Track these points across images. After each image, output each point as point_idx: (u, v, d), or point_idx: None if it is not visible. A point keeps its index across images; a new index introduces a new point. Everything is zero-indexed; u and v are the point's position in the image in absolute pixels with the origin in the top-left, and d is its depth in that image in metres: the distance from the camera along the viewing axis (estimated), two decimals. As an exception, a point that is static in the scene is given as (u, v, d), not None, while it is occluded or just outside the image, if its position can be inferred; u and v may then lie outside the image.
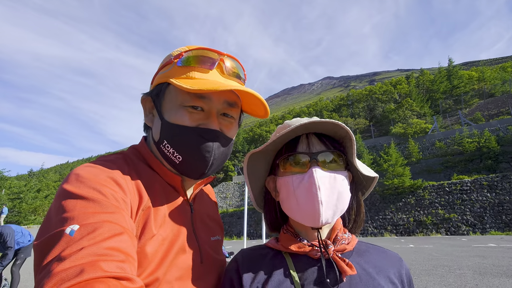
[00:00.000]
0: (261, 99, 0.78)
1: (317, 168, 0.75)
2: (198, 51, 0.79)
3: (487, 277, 6.11)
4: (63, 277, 0.45)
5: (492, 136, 21.66)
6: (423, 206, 18.54)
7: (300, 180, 0.76)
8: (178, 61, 0.78)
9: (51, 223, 0.56)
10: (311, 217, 0.74)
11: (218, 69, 0.80)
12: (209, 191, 1.07)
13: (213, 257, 0.87)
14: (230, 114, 0.83)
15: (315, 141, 0.81)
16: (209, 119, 0.78)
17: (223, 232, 1.02)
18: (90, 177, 0.63)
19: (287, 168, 0.81)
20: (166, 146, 0.78)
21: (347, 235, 0.84)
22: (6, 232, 5.83)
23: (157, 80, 0.83)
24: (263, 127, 50.31)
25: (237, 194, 31.56)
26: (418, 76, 47.27)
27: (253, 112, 0.88)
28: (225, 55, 0.81)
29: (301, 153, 0.79)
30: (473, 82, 39.33)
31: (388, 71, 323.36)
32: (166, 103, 0.80)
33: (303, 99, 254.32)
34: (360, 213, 0.89)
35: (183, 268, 0.74)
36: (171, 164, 0.80)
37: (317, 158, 0.77)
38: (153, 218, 0.71)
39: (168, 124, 0.77)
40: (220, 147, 0.80)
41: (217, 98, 0.78)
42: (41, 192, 38.15)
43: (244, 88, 0.75)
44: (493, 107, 31.31)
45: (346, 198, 0.78)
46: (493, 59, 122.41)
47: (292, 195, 0.77)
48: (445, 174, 21.41)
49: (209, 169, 0.80)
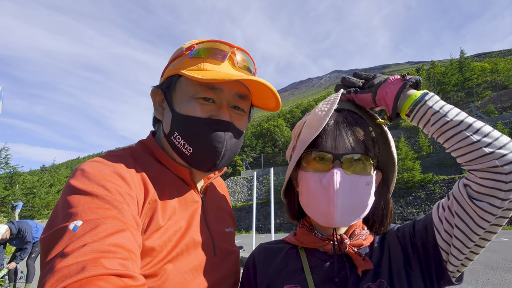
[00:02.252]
0: (273, 90, 0.76)
1: (339, 170, 0.71)
2: (210, 43, 0.79)
3: (499, 272, 6.02)
4: (65, 274, 0.45)
5: (505, 129, 21.16)
6: (434, 200, 18.27)
7: (319, 179, 0.73)
8: (190, 53, 0.79)
9: (56, 217, 0.57)
10: (324, 218, 0.72)
11: (230, 61, 0.80)
12: (220, 184, 1.07)
13: (227, 249, 0.87)
14: (241, 106, 0.83)
15: (345, 135, 0.75)
16: (220, 110, 0.78)
17: (235, 225, 1.02)
18: (95, 172, 0.64)
19: (309, 163, 0.78)
20: (177, 137, 0.78)
21: (365, 231, 0.81)
22: (24, 228, 6.04)
23: (168, 72, 0.83)
24: (271, 121, 50.16)
25: (245, 188, 31.69)
26: (428, 69, 46.32)
27: (264, 105, 0.87)
28: (236, 47, 0.81)
29: (325, 152, 0.74)
30: (486, 74, 38.40)
31: (398, 64, 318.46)
32: (177, 95, 0.80)
33: (311, 93, 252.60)
34: (387, 215, 0.83)
35: (196, 259, 0.75)
36: (182, 156, 0.79)
37: (341, 159, 0.73)
38: (161, 211, 0.71)
39: (179, 116, 0.77)
40: (232, 138, 0.79)
41: (228, 90, 0.78)
42: (54, 187, 38.91)
43: (257, 78, 0.75)
44: (506, 99, 30.54)
45: (367, 203, 0.74)
46: (508, 50, 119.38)
47: (309, 192, 0.75)
48: (457, 168, 21.01)
49: (221, 161, 0.79)
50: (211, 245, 0.81)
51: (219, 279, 0.80)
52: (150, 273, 0.65)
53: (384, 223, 0.83)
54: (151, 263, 0.65)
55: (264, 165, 38.17)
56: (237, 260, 0.91)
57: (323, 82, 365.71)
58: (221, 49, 0.79)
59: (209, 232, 0.82)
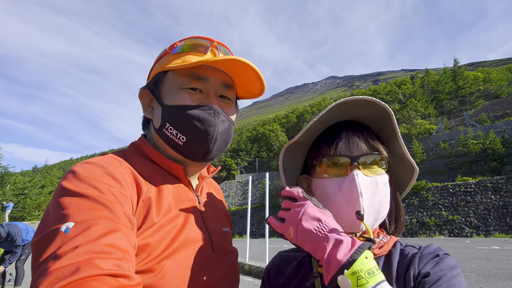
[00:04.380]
0: (256, 69, 0.79)
1: (358, 172, 0.69)
2: (191, 39, 0.83)
3: (491, 280, 6.06)
4: (59, 276, 0.44)
5: (497, 137, 21.42)
6: (427, 207, 18.41)
7: (340, 184, 0.70)
8: (173, 50, 0.82)
9: (48, 220, 0.56)
10: (350, 224, 0.68)
11: (212, 53, 0.83)
12: (215, 187, 1.07)
13: (225, 247, 0.86)
14: (227, 95, 0.86)
15: (356, 138, 0.74)
16: (208, 98, 0.81)
17: (232, 226, 1.02)
18: (86, 173, 0.63)
19: (324, 170, 0.75)
20: (169, 128, 0.79)
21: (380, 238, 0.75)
22: (14, 232, 5.95)
23: (154, 72, 0.86)
24: (266, 126, 50.25)
25: (239, 192, 31.59)
26: (423, 77, 46.93)
27: (248, 93, 0.91)
28: (216, 42, 0.84)
29: (341, 156, 0.72)
30: (479, 83, 38.94)
31: (393, 71, 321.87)
32: (165, 89, 0.83)
33: (306, 99, 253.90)
34: (400, 216, 0.81)
35: (193, 257, 0.74)
36: (175, 148, 0.81)
37: (358, 161, 0.71)
38: (155, 208, 0.71)
39: (168, 107, 0.80)
40: (223, 121, 0.82)
41: (214, 79, 0.81)
42: (45, 188, 38.46)
43: (240, 58, 0.76)
44: (498, 108, 31.01)
45: (387, 203, 0.73)
46: (500, 60, 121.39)
47: (330, 200, 0.71)
48: (449, 176, 21.22)
49: (213, 145, 0.80)
50: (209, 243, 0.80)
51: (218, 277, 0.79)
52: (146, 269, 0.64)
53: (398, 225, 0.81)
54: (147, 259, 0.65)
55: (259, 169, 38.13)
56: (236, 260, 0.90)
57: (319, 88, 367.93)
58: (202, 44, 0.82)
59: (207, 230, 0.82)
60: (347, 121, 0.80)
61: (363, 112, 0.76)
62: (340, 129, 0.77)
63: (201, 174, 0.96)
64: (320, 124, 0.76)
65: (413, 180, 0.82)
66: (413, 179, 0.81)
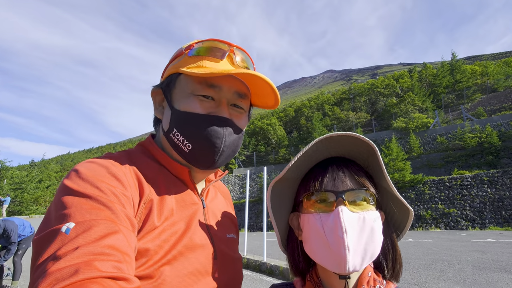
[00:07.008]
0: (272, 85, 0.75)
1: (343, 208, 0.66)
2: (209, 42, 0.80)
3: (486, 272, 6.14)
4: (58, 277, 0.44)
5: (494, 131, 21.57)
6: (423, 200, 18.57)
7: (324, 221, 0.67)
8: (189, 52, 0.79)
9: (49, 219, 0.56)
10: (336, 263, 0.64)
11: (229, 59, 0.80)
12: (224, 191, 1.04)
13: (229, 254, 0.84)
14: (240, 105, 0.83)
15: (342, 174, 0.72)
16: (219, 107, 0.78)
17: (238, 233, 0.98)
18: (89, 173, 0.62)
19: (311, 206, 0.72)
20: (176, 134, 0.77)
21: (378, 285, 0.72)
22: (10, 228, 5.89)
23: (168, 71, 0.83)
24: (264, 120, 50.15)
25: (237, 186, 31.71)
26: (420, 70, 46.90)
27: (263, 104, 0.87)
28: (235, 46, 0.81)
29: (326, 191, 0.70)
30: (476, 77, 39.01)
31: (391, 65, 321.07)
32: (176, 93, 0.80)
33: (304, 92, 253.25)
34: (397, 259, 0.76)
35: (195, 263, 0.72)
36: (181, 154, 0.79)
37: (343, 196, 0.68)
38: (157, 211, 0.70)
39: (178, 112, 0.77)
40: (231, 134, 0.79)
41: (227, 88, 0.78)
42: (43, 182, 38.28)
43: (256, 72, 0.73)
44: (495, 102, 31.10)
45: (378, 241, 0.69)
46: (498, 53, 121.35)
47: (315, 236, 0.69)
48: (446, 169, 21.38)
49: (220, 157, 0.78)
50: (211, 249, 0.78)
51: (220, 285, 0.77)
52: (145, 275, 0.63)
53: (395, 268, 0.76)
54: (146, 265, 0.64)
55: (257, 163, 38.21)
56: (240, 268, 0.88)
57: (317, 82, 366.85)
58: (220, 48, 0.79)
59: (210, 236, 0.80)
60: (336, 157, 0.78)
61: (350, 148, 0.74)
62: (327, 164, 0.74)
63: (208, 177, 0.93)
64: (308, 160, 0.74)
65: (409, 222, 0.78)
66: (409, 220, 0.77)
